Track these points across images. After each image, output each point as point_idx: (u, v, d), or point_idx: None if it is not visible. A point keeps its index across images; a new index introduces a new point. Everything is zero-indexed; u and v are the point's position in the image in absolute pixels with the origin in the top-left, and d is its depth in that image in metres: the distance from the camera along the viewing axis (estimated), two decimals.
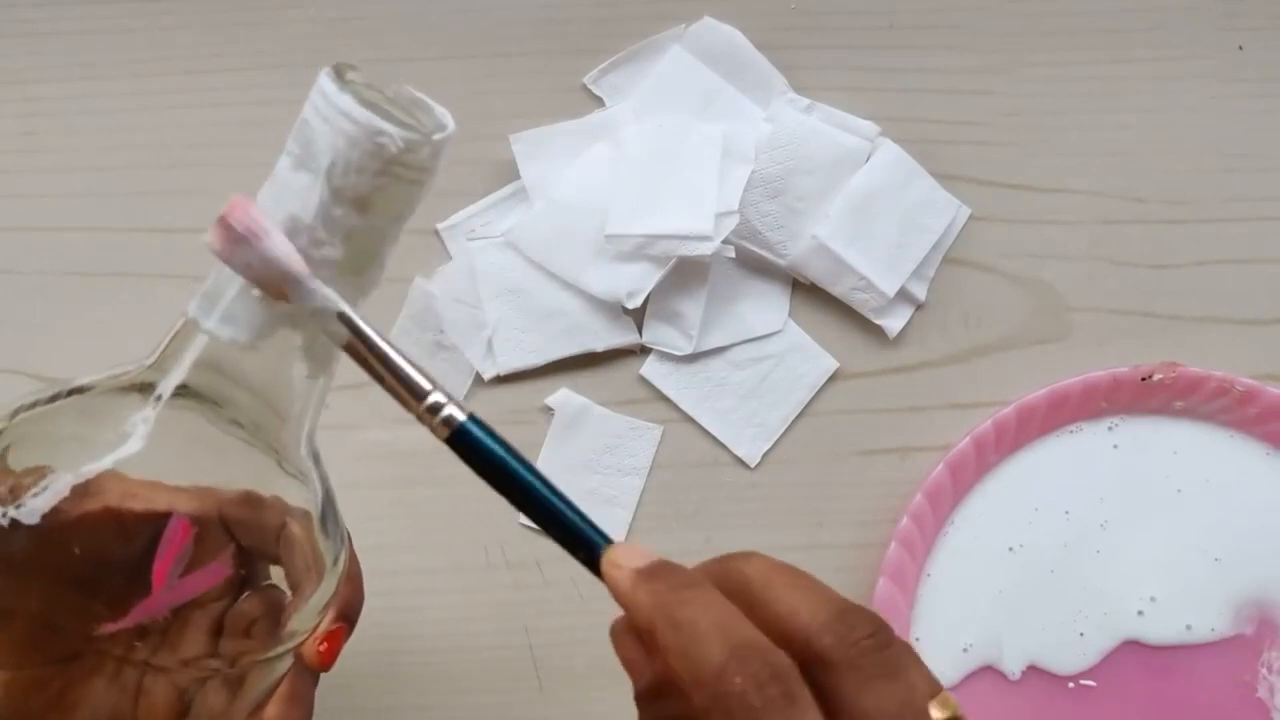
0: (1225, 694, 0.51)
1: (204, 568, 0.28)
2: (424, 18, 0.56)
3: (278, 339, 0.28)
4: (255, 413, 0.29)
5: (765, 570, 0.29)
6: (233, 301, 0.27)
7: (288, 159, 0.27)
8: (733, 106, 0.54)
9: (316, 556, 0.31)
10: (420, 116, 0.27)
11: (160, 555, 0.27)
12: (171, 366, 0.28)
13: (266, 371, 0.28)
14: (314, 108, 0.26)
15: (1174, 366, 0.51)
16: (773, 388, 0.53)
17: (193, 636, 0.29)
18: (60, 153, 0.55)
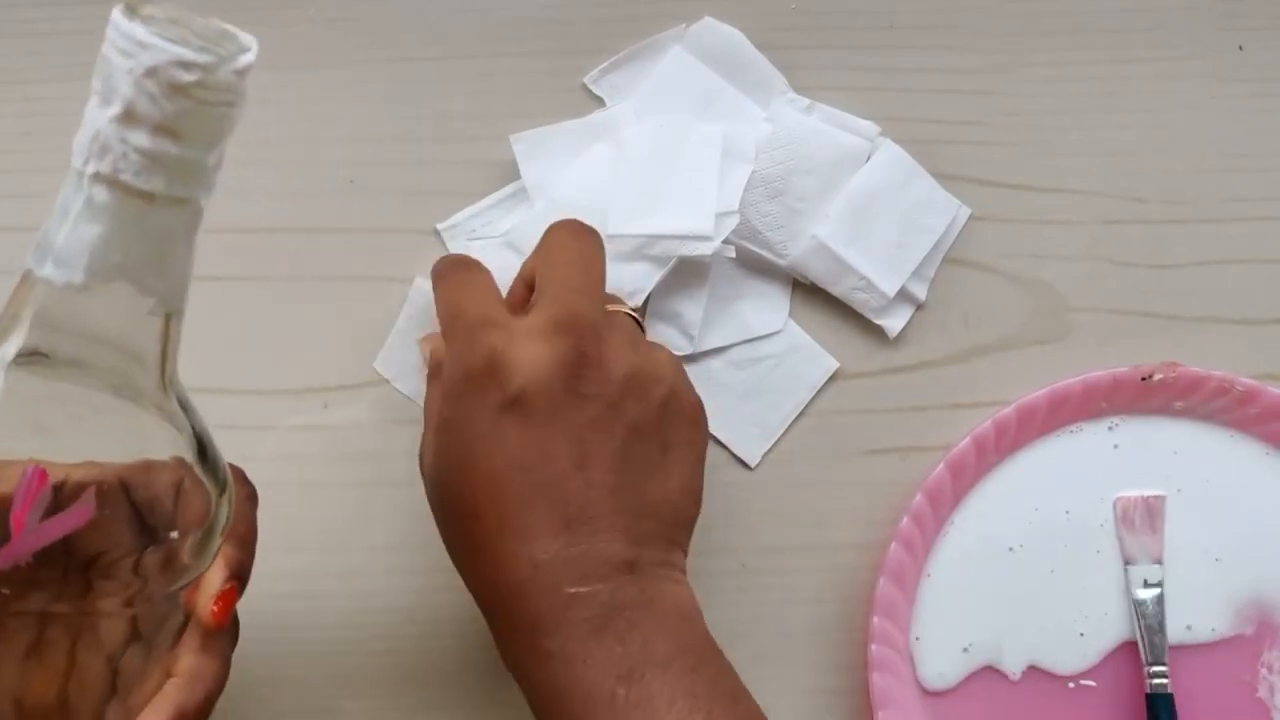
0: (1225, 694, 0.51)
1: (65, 511, 0.28)
2: (424, 18, 0.56)
3: (111, 276, 0.28)
4: (109, 363, 0.29)
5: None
6: (64, 242, 0.27)
7: (95, 98, 0.27)
8: (733, 106, 0.54)
9: (201, 491, 0.31)
10: (226, 45, 0.27)
11: (17, 503, 0.27)
12: (14, 327, 0.28)
13: (110, 315, 0.28)
14: (109, 41, 0.27)
15: (1174, 366, 0.51)
16: (773, 388, 0.53)
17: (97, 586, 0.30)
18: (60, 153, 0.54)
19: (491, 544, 0.39)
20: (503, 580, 0.39)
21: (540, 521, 0.39)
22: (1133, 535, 0.52)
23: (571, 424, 0.40)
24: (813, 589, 0.52)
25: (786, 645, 0.52)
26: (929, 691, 0.50)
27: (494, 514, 0.39)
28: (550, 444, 0.39)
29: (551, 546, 0.38)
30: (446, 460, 0.40)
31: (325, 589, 0.51)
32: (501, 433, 0.39)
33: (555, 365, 0.39)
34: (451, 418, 0.40)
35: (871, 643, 0.49)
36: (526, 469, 0.39)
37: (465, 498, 0.40)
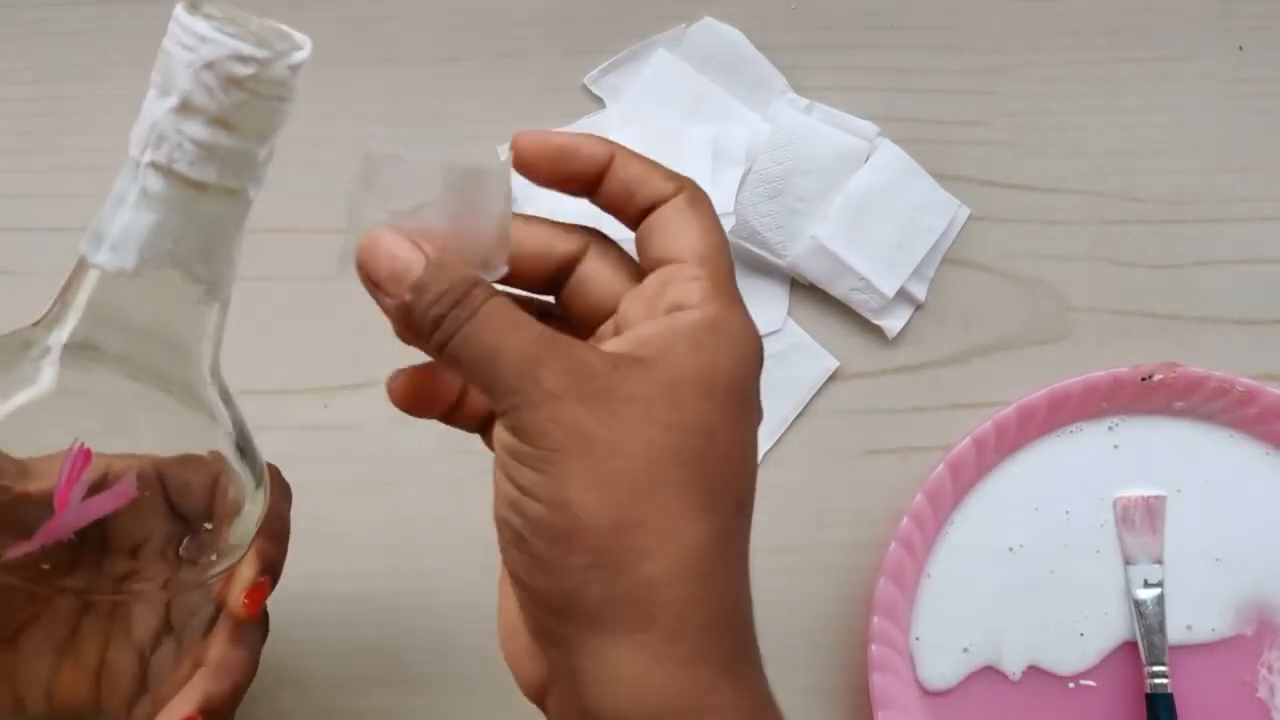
0: (1225, 694, 0.51)
1: (108, 490, 0.29)
2: (424, 18, 0.56)
3: (162, 264, 0.29)
4: (154, 355, 0.30)
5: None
6: (118, 229, 0.29)
7: (153, 90, 0.28)
8: (721, 108, 0.54)
9: (237, 484, 0.32)
10: (280, 43, 0.28)
11: (62, 479, 0.28)
12: (65, 316, 0.29)
13: (159, 304, 0.29)
14: (171, 36, 0.27)
15: (1174, 366, 0.51)
16: (772, 387, 0.53)
17: (128, 554, 0.30)
18: (59, 153, 0.55)
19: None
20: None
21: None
22: (1133, 535, 0.52)
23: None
24: (813, 589, 0.52)
25: (786, 645, 0.52)
26: (929, 691, 0.50)
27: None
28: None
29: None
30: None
31: (326, 589, 0.51)
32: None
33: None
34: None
35: (871, 643, 0.49)
36: None
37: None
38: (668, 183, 0.31)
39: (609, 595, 0.27)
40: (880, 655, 0.49)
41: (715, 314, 0.30)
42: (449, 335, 0.28)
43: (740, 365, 0.30)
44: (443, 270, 0.28)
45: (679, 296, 0.30)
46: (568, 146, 0.31)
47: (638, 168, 0.31)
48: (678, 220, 0.31)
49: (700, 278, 0.30)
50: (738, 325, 0.31)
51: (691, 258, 0.30)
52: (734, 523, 0.30)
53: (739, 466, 0.30)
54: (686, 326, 0.29)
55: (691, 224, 0.31)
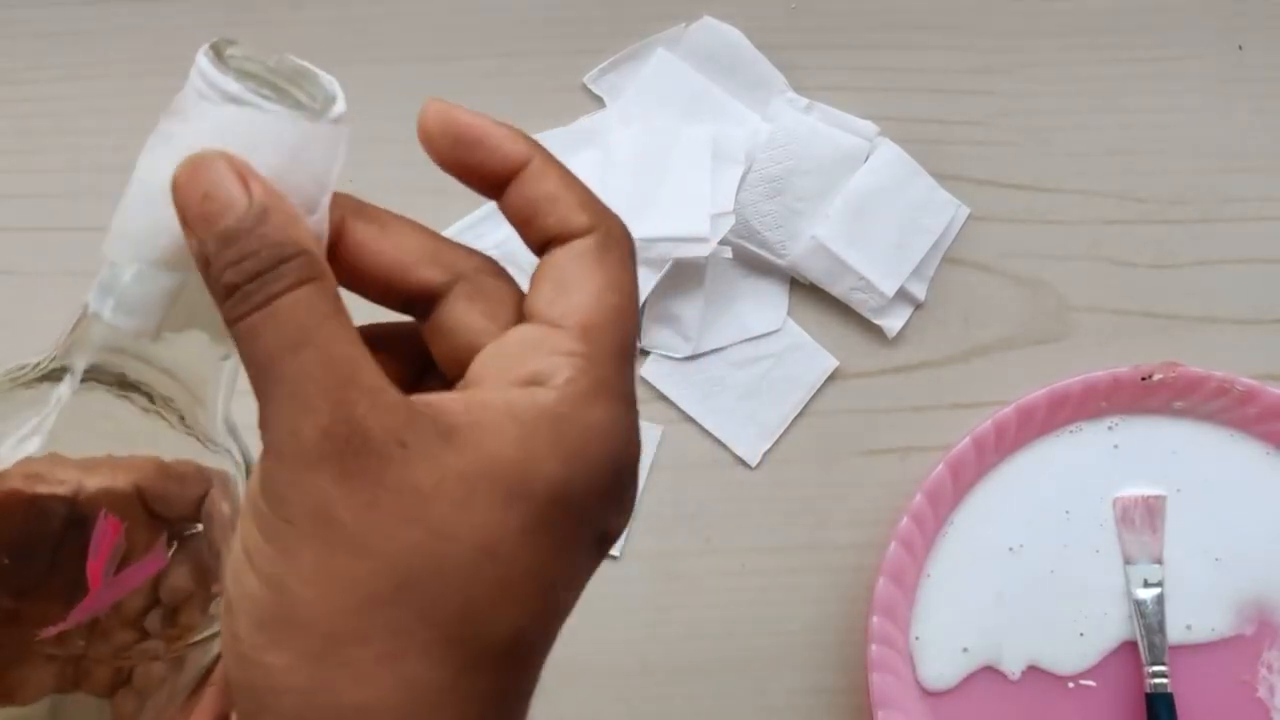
0: (1225, 694, 0.51)
1: (139, 561, 0.27)
2: (424, 18, 0.56)
3: (185, 325, 0.27)
4: (168, 391, 0.28)
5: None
6: (137, 290, 0.26)
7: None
8: (720, 108, 0.54)
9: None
10: (308, 88, 0.26)
11: (93, 554, 0.26)
12: (77, 355, 0.28)
13: (174, 355, 0.28)
14: (195, 89, 0.24)
15: (1174, 366, 0.51)
16: (772, 387, 0.53)
17: (126, 618, 0.29)
18: (59, 153, 0.55)
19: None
20: None
21: None
22: (1133, 535, 0.52)
23: None
24: (813, 589, 0.52)
25: (786, 645, 0.52)
26: (929, 691, 0.50)
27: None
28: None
29: None
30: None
31: None
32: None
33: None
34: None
35: (871, 643, 0.49)
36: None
37: None
38: (580, 214, 0.25)
39: (305, 712, 0.22)
40: (880, 655, 0.49)
41: (572, 405, 0.23)
42: (237, 314, 0.22)
43: (578, 474, 0.23)
44: (261, 225, 0.22)
45: (540, 369, 0.23)
46: (473, 133, 0.25)
47: (550, 186, 0.25)
48: (576, 269, 0.24)
49: (575, 354, 0.23)
50: (597, 423, 0.23)
51: (575, 324, 0.24)
52: (494, 666, 0.23)
53: (529, 596, 0.23)
54: (528, 409, 0.23)
55: (591, 278, 0.24)
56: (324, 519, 0.21)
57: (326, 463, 0.21)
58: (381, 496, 0.21)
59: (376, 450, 0.21)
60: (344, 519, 0.21)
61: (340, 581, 0.21)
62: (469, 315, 0.25)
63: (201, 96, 0.24)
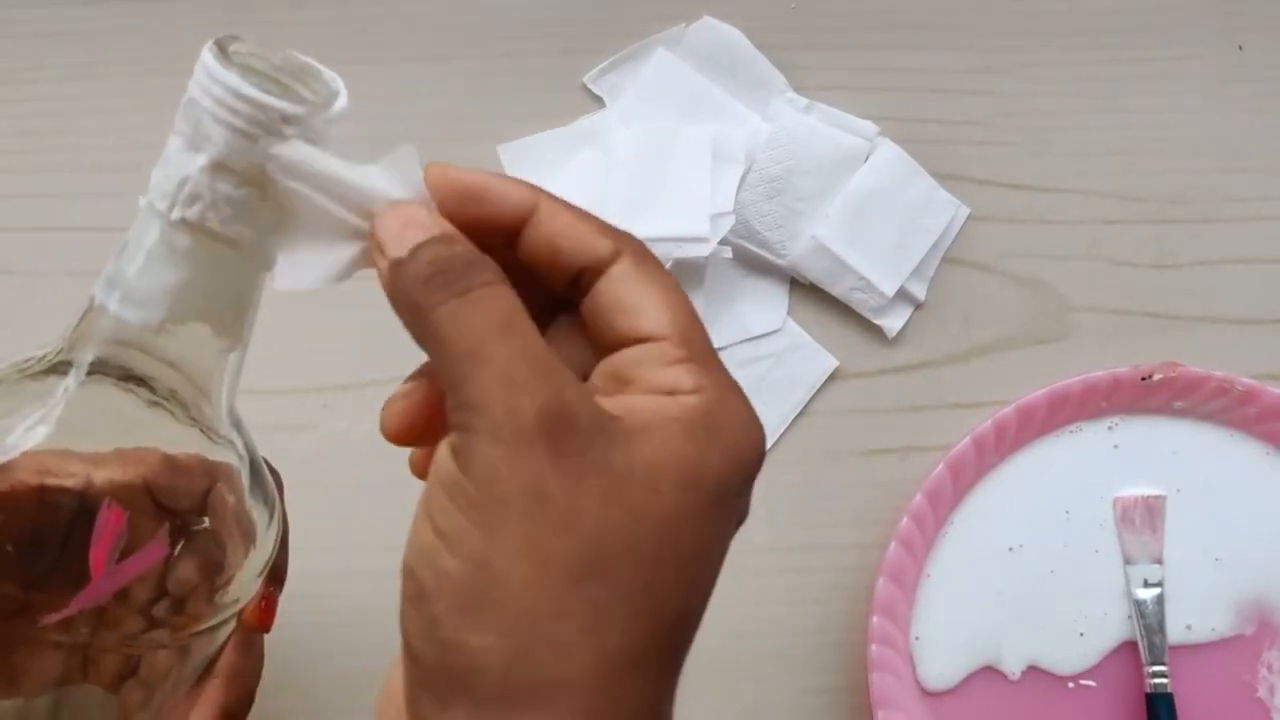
0: (1225, 694, 0.51)
1: (141, 550, 0.28)
2: (424, 18, 0.56)
3: (189, 318, 0.28)
4: (173, 383, 0.29)
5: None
6: (142, 283, 0.27)
7: (179, 139, 0.26)
8: (720, 108, 0.54)
9: (248, 522, 0.31)
10: (311, 84, 0.26)
11: (96, 542, 0.27)
12: (83, 347, 0.28)
13: (179, 348, 0.28)
14: (200, 86, 0.25)
15: (1174, 366, 0.51)
16: (772, 387, 0.53)
17: (133, 608, 0.29)
18: (60, 153, 0.55)
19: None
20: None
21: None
22: (1133, 535, 0.52)
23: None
24: (813, 589, 0.52)
25: (786, 645, 0.52)
26: (929, 691, 0.50)
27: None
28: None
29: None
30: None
31: (325, 589, 0.51)
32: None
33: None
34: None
35: (871, 643, 0.49)
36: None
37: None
38: (602, 240, 0.26)
39: (505, 689, 0.23)
40: (880, 655, 0.49)
41: (712, 402, 0.25)
42: (431, 305, 0.24)
43: (733, 464, 0.25)
44: (452, 242, 0.25)
45: (667, 380, 0.25)
46: (477, 188, 0.26)
47: (565, 222, 0.26)
48: (632, 289, 0.26)
49: (685, 360, 0.25)
50: (737, 415, 0.25)
51: (670, 334, 0.25)
52: (668, 637, 0.24)
53: (697, 575, 0.25)
54: (682, 411, 0.24)
55: (652, 293, 0.25)
56: (538, 495, 0.22)
57: (543, 440, 0.22)
58: (587, 475, 0.23)
59: (584, 431, 0.23)
60: (556, 495, 0.22)
61: (548, 557, 0.22)
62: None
63: (209, 96, 0.25)
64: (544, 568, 0.22)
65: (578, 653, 0.23)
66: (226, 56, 0.25)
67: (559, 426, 0.23)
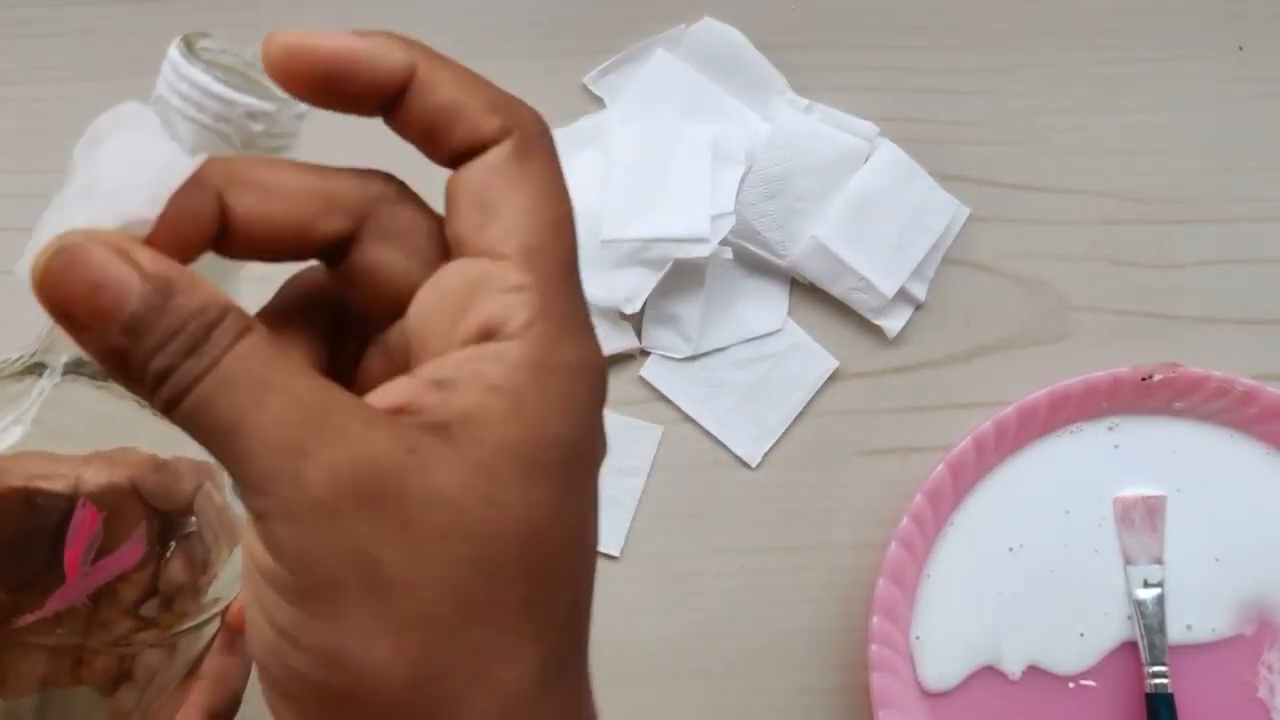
0: (1225, 694, 0.51)
1: (117, 550, 0.27)
2: (423, 18, 0.56)
3: None
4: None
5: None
6: None
7: (153, 125, 0.26)
8: (720, 108, 0.54)
9: (231, 520, 0.31)
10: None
11: (70, 543, 0.26)
12: (57, 349, 0.28)
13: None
14: (167, 82, 0.25)
15: (1174, 366, 0.51)
16: (772, 387, 0.53)
17: (121, 608, 0.29)
18: (60, 153, 0.54)
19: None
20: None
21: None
22: (1133, 535, 0.52)
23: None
24: (813, 589, 0.52)
25: (786, 645, 0.52)
26: (929, 692, 0.50)
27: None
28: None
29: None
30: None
31: None
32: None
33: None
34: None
35: (871, 643, 0.49)
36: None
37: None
38: (488, 118, 0.23)
39: None
40: (880, 655, 0.49)
41: (541, 349, 0.21)
42: (178, 395, 0.19)
43: (575, 418, 0.21)
44: (172, 299, 0.19)
45: (493, 314, 0.21)
46: (343, 62, 0.22)
47: (446, 93, 0.22)
48: (498, 184, 0.22)
49: (524, 288, 0.21)
50: (572, 358, 0.21)
51: (515, 251, 0.21)
52: (567, 635, 0.22)
53: (574, 559, 0.21)
54: (504, 375, 0.20)
55: (518, 193, 0.22)
56: (366, 565, 0.19)
57: (347, 506, 0.19)
58: (413, 517, 0.19)
59: (389, 470, 0.19)
60: (386, 557, 0.19)
61: (404, 626, 0.19)
62: (386, 257, 0.22)
63: (175, 92, 0.25)
64: (403, 640, 0.19)
65: (472, 707, 0.20)
66: (193, 53, 0.25)
67: (361, 478, 0.19)
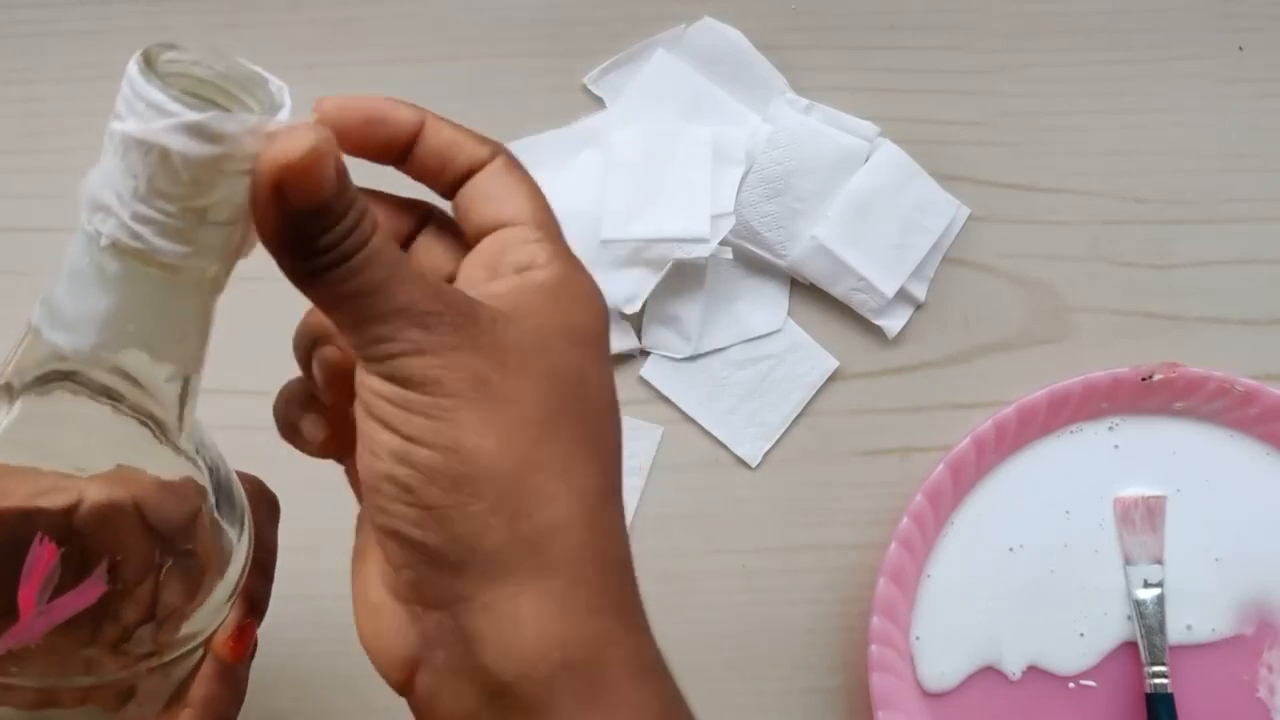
0: (1225, 694, 0.51)
1: (76, 588, 0.26)
2: (424, 18, 0.56)
3: (123, 345, 0.26)
4: (129, 392, 0.27)
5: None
6: (73, 308, 0.25)
7: (111, 157, 0.24)
8: (721, 109, 0.54)
9: (220, 544, 0.30)
10: (257, 93, 0.25)
11: (25, 580, 0.25)
12: (30, 367, 0.26)
13: (126, 368, 0.26)
14: (126, 101, 0.23)
15: (1174, 366, 0.51)
16: (773, 387, 0.53)
17: (117, 632, 0.28)
18: (60, 153, 0.55)
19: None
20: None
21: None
22: (1133, 535, 0.52)
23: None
24: (813, 589, 0.52)
25: (786, 645, 0.52)
26: (929, 692, 0.50)
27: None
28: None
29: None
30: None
31: (324, 589, 0.51)
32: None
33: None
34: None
35: (871, 643, 0.49)
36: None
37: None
38: (481, 147, 0.30)
39: (511, 541, 0.26)
40: (880, 655, 0.49)
41: (563, 272, 0.29)
42: (334, 262, 0.26)
43: (595, 318, 0.29)
44: (345, 191, 0.25)
45: (524, 258, 0.29)
46: (375, 112, 0.30)
47: (448, 133, 0.30)
48: (501, 185, 0.30)
49: (541, 239, 0.29)
50: (585, 282, 0.29)
51: (528, 220, 0.29)
52: (615, 467, 0.29)
53: (611, 414, 0.29)
54: (540, 284, 0.28)
55: (516, 188, 0.30)
56: (479, 382, 0.26)
57: (465, 346, 0.26)
58: (506, 358, 0.26)
59: (487, 326, 0.27)
60: (492, 379, 0.26)
61: (507, 426, 0.26)
62: (438, 247, 0.31)
63: (136, 116, 0.23)
64: (507, 437, 0.26)
65: (559, 496, 0.27)
66: (152, 68, 0.23)
67: (471, 329, 0.26)
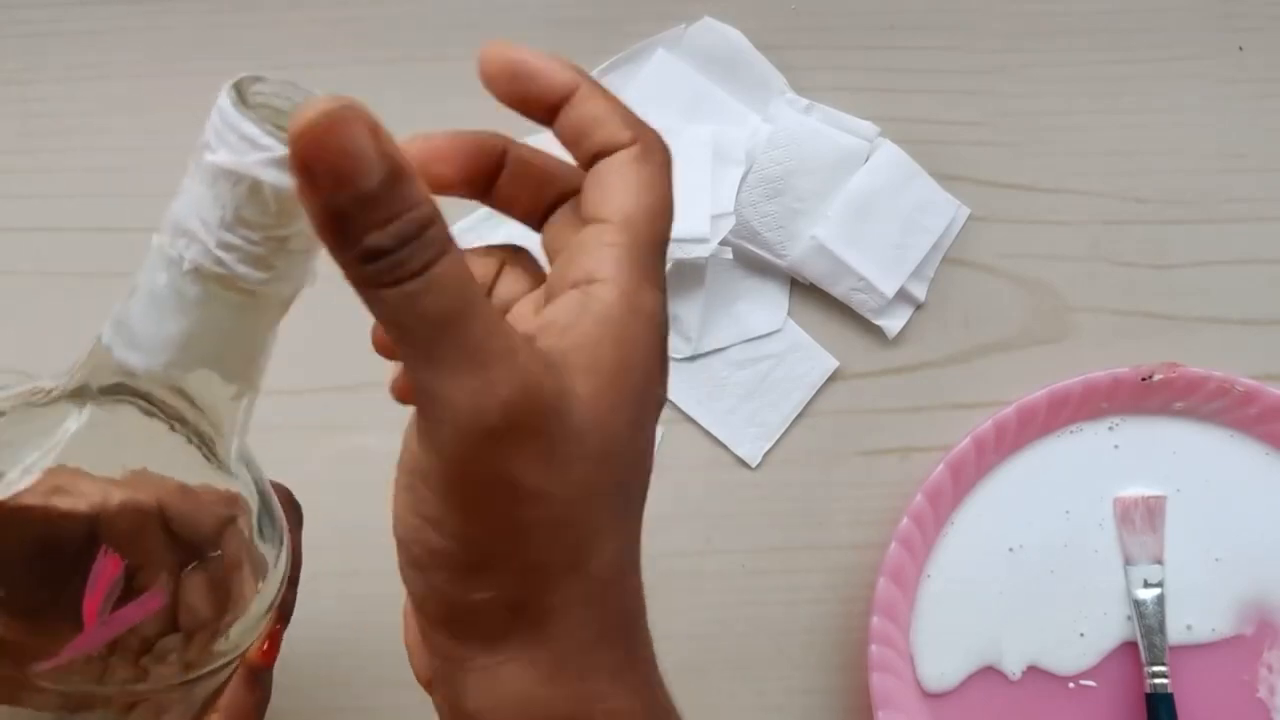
0: (1225, 694, 0.51)
1: (137, 599, 0.27)
2: (424, 18, 0.56)
3: (195, 365, 0.26)
4: (186, 413, 0.28)
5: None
6: (147, 329, 0.26)
7: (196, 182, 0.25)
8: (720, 109, 0.54)
9: (257, 557, 0.30)
10: None
11: (90, 591, 0.26)
12: (95, 380, 0.27)
13: (188, 388, 0.27)
14: (216, 132, 0.24)
15: (1174, 366, 0.51)
16: (773, 387, 0.53)
17: (138, 644, 0.28)
18: (60, 153, 0.55)
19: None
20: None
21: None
22: (1133, 535, 0.52)
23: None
24: (813, 589, 0.52)
25: (786, 645, 0.52)
26: (929, 692, 0.50)
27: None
28: None
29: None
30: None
31: (325, 589, 0.51)
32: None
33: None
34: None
35: (871, 643, 0.49)
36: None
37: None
38: (625, 130, 0.27)
39: (509, 626, 0.25)
40: (880, 655, 0.49)
41: (625, 292, 0.26)
42: (387, 280, 0.22)
43: (650, 352, 0.26)
44: (398, 186, 0.22)
45: (589, 265, 0.26)
46: (527, 67, 0.27)
47: (597, 107, 0.27)
48: (618, 174, 0.27)
49: (615, 244, 0.26)
50: (648, 303, 0.26)
51: (616, 218, 0.27)
52: (637, 525, 0.27)
53: (646, 464, 0.27)
54: (603, 311, 0.25)
55: (630, 180, 0.27)
56: (510, 483, 0.24)
57: (509, 431, 0.23)
58: (554, 448, 0.24)
59: (546, 408, 0.23)
60: (526, 479, 0.24)
61: (528, 528, 0.24)
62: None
63: (228, 148, 0.24)
64: (526, 538, 0.24)
65: (564, 584, 0.25)
66: (244, 100, 0.24)
67: (523, 412, 0.23)
